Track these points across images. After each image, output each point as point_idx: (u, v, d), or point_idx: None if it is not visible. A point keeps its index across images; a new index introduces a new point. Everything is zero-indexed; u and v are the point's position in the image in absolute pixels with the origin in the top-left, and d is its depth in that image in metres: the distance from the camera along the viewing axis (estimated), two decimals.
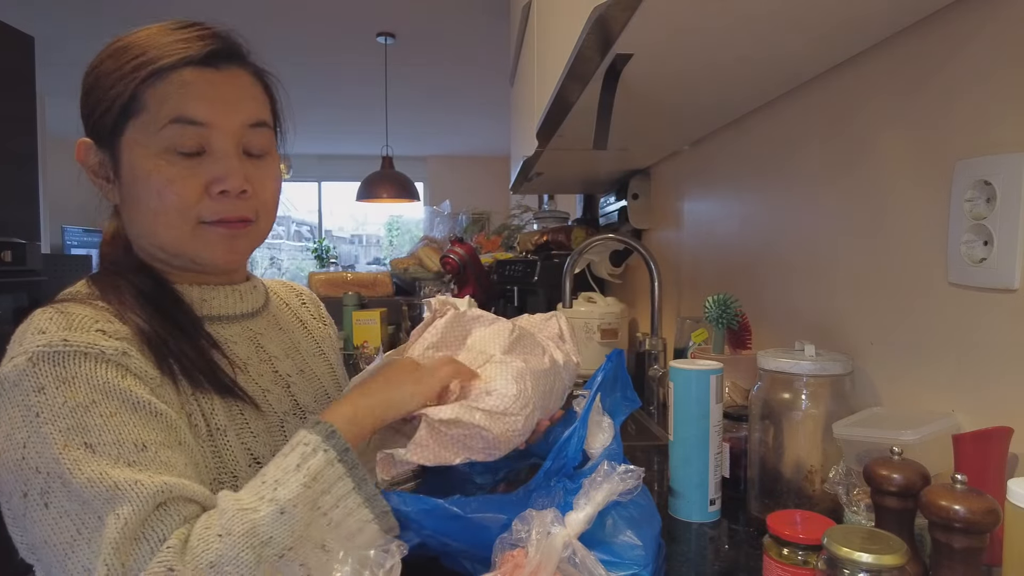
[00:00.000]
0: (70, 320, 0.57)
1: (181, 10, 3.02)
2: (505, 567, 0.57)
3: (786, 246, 1.08)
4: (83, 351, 0.54)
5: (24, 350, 0.54)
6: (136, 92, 0.61)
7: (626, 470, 0.61)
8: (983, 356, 0.66)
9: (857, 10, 0.71)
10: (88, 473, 0.50)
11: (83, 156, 0.65)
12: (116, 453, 0.51)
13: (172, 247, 0.65)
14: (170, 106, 0.61)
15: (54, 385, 0.52)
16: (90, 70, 0.64)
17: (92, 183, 0.65)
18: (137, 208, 0.64)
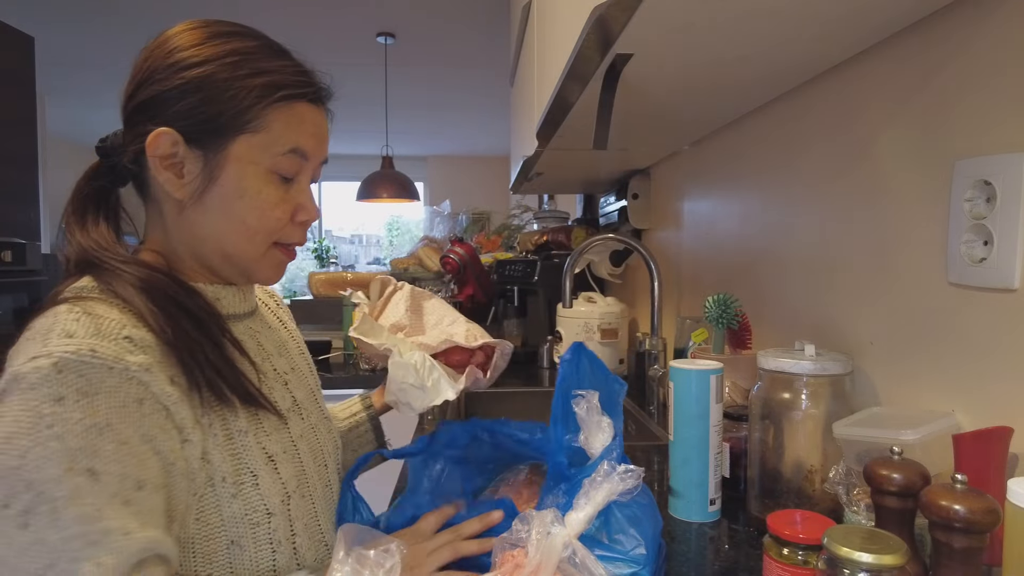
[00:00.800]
0: (98, 325, 0.55)
1: (181, 10, 3.02)
2: (505, 567, 0.57)
3: (786, 246, 1.08)
4: (109, 365, 0.52)
5: (49, 352, 0.51)
6: (259, 112, 0.62)
7: (626, 470, 0.61)
8: (983, 356, 0.66)
9: (857, 10, 0.71)
10: (83, 508, 0.48)
11: (158, 144, 0.61)
12: (117, 487, 0.50)
13: (238, 258, 0.66)
14: (290, 137, 0.64)
15: (74, 398, 0.50)
16: (188, 64, 0.62)
17: (153, 170, 0.62)
18: (223, 215, 0.64)
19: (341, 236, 8.06)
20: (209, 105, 0.61)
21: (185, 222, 0.64)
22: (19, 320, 2.35)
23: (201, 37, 0.63)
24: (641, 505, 0.64)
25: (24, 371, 0.51)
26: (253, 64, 0.63)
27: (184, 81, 0.61)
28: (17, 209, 2.28)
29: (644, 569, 0.60)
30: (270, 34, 0.70)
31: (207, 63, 0.62)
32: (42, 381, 0.50)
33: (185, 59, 0.62)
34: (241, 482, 0.61)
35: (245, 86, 0.62)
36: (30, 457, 0.48)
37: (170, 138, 0.61)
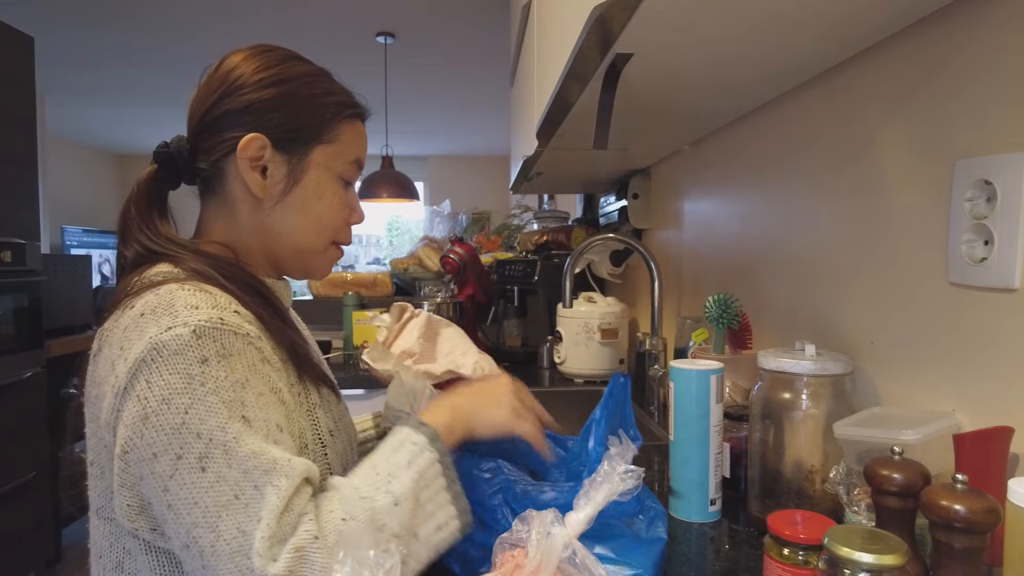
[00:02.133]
0: (215, 299, 0.62)
1: (181, 11, 3.02)
2: (505, 567, 0.57)
3: (786, 246, 1.08)
4: (234, 331, 0.60)
5: (184, 322, 0.58)
6: (334, 125, 0.73)
7: (626, 470, 0.61)
8: (983, 356, 0.66)
9: (857, 9, 0.71)
10: (251, 446, 0.56)
11: (249, 147, 0.69)
12: (266, 431, 0.58)
13: (307, 252, 0.76)
14: (354, 149, 0.76)
15: (216, 359, 0.58)
16: (277, 80, 0.71)
17: (241, 170, 0.70)
18: (302, 213, 0.73)
19: None
20: (296, 116, 0.71)
21: (261, 218, 0.72)
22: (19, 320, 2.36)
23: (278, 58, 0.73)
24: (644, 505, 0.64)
25: (164, 339, 0.57)
26: (324, 85, 0.74)
27: (273, 95, 0.70)
28: (17, 209, 2.28)
29: (646, 571, 0.60)
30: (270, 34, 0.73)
31: (292, 80, 0.72)
32: (185, 347, 0.57)
33: (272, 75, 0.71)
34: (315, 451, 0.69)
35: (324, 103, 0.73)
36: (193, 412, 0.55)
37: (260, 142, 0.69)
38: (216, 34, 3.30)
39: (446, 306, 2.16)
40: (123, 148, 5.97)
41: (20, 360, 2.25)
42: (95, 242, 5.13)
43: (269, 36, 3.34)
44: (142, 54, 3.59)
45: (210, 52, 3.01)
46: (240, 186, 0.71)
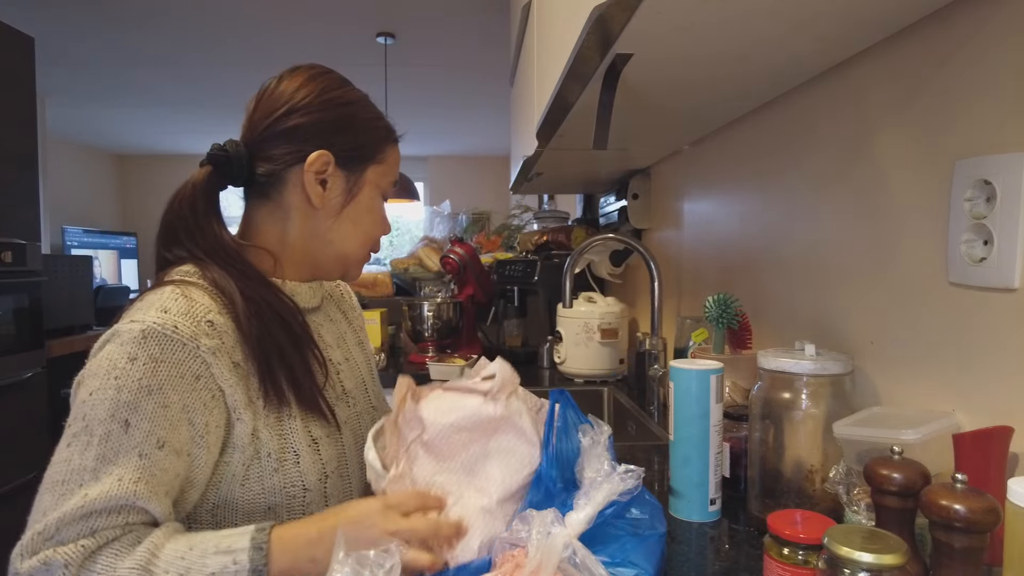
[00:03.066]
0: (190, 306, 0.67)
1: (181, 12, 3.02)
2: (505, 567, 0.57)
3: (786, 246, 1.08)
4: (183, 342, 0.64)
5: (143, 319, 0.64)
6: (384, 147, 0.81)
7: (626, 470, 0.61)
8: (983, 355, 0.66)
9: (857, 9, 0.71)
10: (105, 450, 0.60)
11: (316, 162, 0.75)
12: (139, 441, 0.61)
13: (349, 259, 0.82)
14: (395, 171, 0.83)
15: (143, 361, 0.62)
16: (342, 102, 0.77)
17: (304, 181, 0.75)
18: (354, 225, 0.80)
19: None
20: (357, 137, 0.78)
21: (315, 226, 0.78)
22: (19, 320, 2.35)
23: (338, 82, 0.79)
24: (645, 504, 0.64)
25: (122, 329, 0.64)
26: (374, 110, 0.82)
27: (339, 116, 0.77)
28: (17, 209, 2.28)
29: (645, 572, 0.60)
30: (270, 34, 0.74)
31: (353, 104, 0.79)
32: (129, 341, 0.63)
33: (336, 98, 0.77)
34: (284, 459, 0.71)
35: (378, 126, 0.81)
36: (94, 396, 0.61)
37: (326, 158, 0.75)
38: (216, 35, 3.30)
39: (446, 306, 2.16)
40: (123, 148, 5.97)
41: (20, 360, 2.25)
42: (95, 242, 5.13)
43: (269, 36, 3.34)
44: (142, 55, 3.59)
45: (210, 52, 3.04)
46: (299, 195, 0.76)
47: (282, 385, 0.71)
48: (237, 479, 0.69)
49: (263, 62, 3.75)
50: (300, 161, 0.75)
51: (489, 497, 0.65)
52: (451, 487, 0.66)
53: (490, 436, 0.68)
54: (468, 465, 0.67)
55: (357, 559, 0.55)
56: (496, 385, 0.70)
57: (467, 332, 2.23)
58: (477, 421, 0.68)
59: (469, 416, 0.68)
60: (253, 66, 3.84)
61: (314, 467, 0.73)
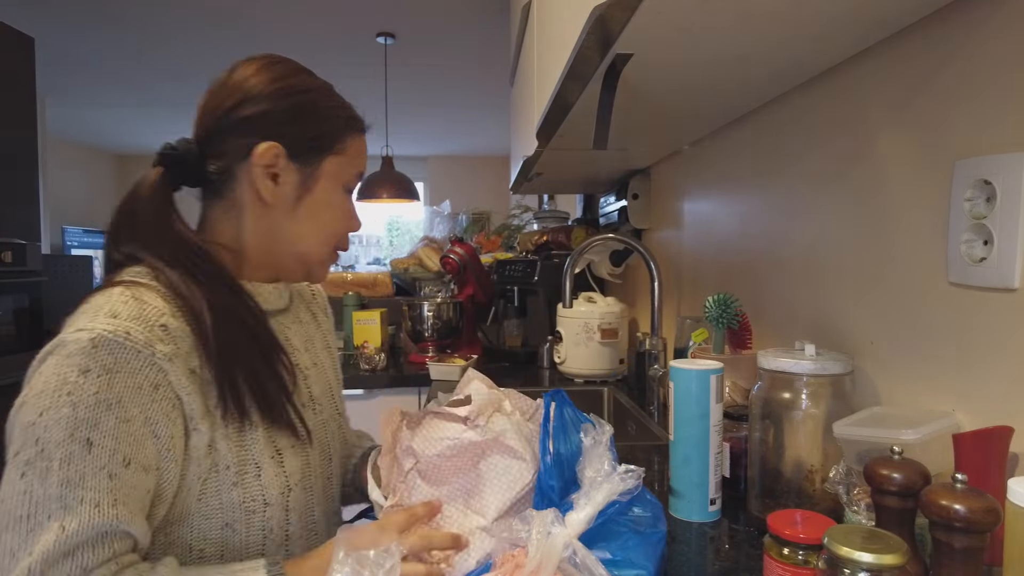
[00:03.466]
0: (141, 310, 0.62)
1: (181, 12, 3.02)
2: (505, 567, 0.57)
3: (786, 246, 1.08)
4: (138, 349, 0.59)
5: (92, 327, 0.58)
6: (344, 138, 0.75)
7: (626, 470, 0.61)
8: (983, 355, 0.66)
9: (857, 10, 0.71)
10: (71, 473, 0.55)
11: (264, 155, 0.70)
12: (106, 460, 0.56)
13: (310, 257, 0.77)
14: (359, 162, 0.78)
15: (98, 372, 0.57)
16: (297, 90, 0.73)
17: (252, 176, 0.71)
18: (312, 220, 0.75)
19: None
20: (312, 127, 0.73)
21: (267, 223, 0.73)
22: (19, 320, 2.35)
23: (292, 70, 0.75)
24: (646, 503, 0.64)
25: (68, 339, 0.58)
26: (334, 98, 0.77)
27: (290, 106, 0.72)
28: (17, 209, 2.28)
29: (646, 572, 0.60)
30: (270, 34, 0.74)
31: (307, 92, 0.74)
32: (78, 352, 0.57)
33: (288, 86, 0.73)
34: (244, 472, 0.66)
35: (336, 115, 0.75)
36: (45, 417, 0.55)
37: (276, 151, 0.71)
38: (216, 35, 3.30)
39: (446, 306, 2.16)
40: (123, 148, 5.97)
41: (20, 360, 2.24)
42: (96, 242, 5.14)
43: (269, 36, 3.34)
44: (142, 55, 3.59)
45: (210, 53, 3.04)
46: (250, 191, 0.72)
47: (243, 395, 0.66)
48: (193, 493, 0.64)
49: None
50: (249, 155, 0.70)
51: (485, 517, 0.66)
52: (449, 511, 0.68)
53: (478, 459, 0.69)
54: (463, 489, 0.69)
55: (357, 559, 0.55)
56: (474, 410, 0.71)
57: (467, 332, 2.23)
58: (462, 448, 0.69)
59: (453, 445, 0.69)
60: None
61: (276, 480, 0.69)
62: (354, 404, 1.92)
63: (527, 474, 0.68)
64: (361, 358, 2.01)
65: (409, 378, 1.94)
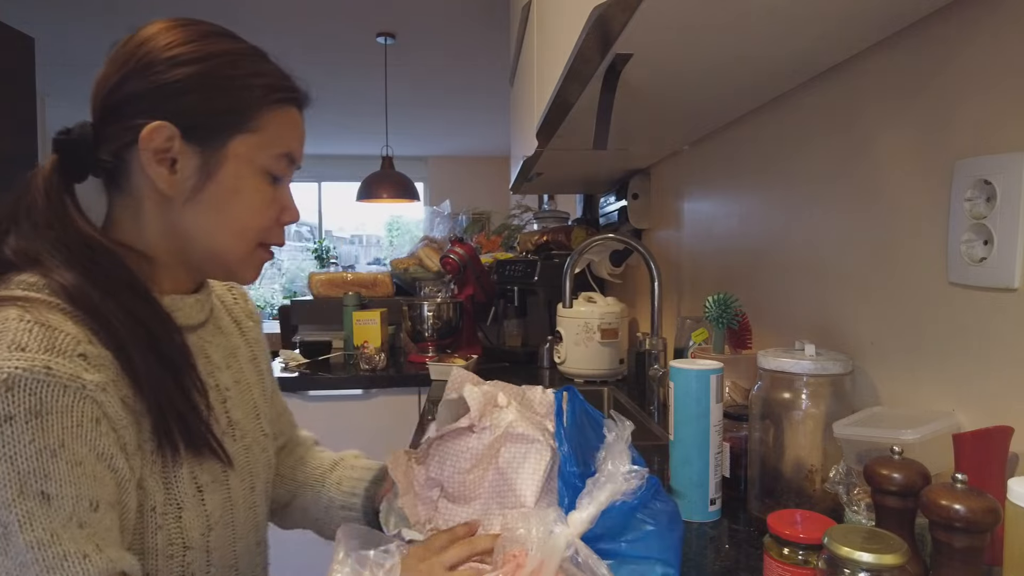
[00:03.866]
0: (52, 339, 0.52)
1: (182, 12, 3.02)
2: (507, 567, 0.57)
3: (786, 246, 1.08)
4: (64, 384, 0.50)
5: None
6: (257, 113, 0.63)
7: (630, 470, 0.61)
8: (983, 355, 0.66)
9: (857, 9, 0.71)
10: (38, 533, 0.48)
11: (153, 138, 0.60)
12: (71, 509, 0.50)
13: (226, 256, 0.66)
14: (284, 140, 0.65)
15: (24, 418, 0.48)
16: (188, 60, 0.61)
17: (144, 164, 0.60)
18: (217, 212, 0.63)
19: (341, 236, 8.06)
20: (210, 102, 0.61)
21: (170, 218, 0.63)
22: None
23: (195, 34, 0.62)
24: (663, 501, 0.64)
25: None
26: (251, 65, 0.64)
27: (184, 76, 0.60)
28: None
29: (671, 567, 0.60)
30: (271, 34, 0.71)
31: (207, 60, 0.61)
32: None
33: (184, 54, 0.60)
34: (166, 513, 0.60)
35: (246, 85, 0.62)
36: None
37: (167, 132, 0.60)
38: None
39: (446, 306, 2.16)
40: None
41: None
42: None
43: (269, 36, 3.33)
44: None
45: None
46: (146, 180, 0.61)
47: (172, 426, 0.59)
48: (130, 530, 0.57)
49: None
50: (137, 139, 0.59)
51: (526, 505, 0.66)
52: (489, 522, 0.68)
53: (495, 458, 0.69)
54: (495, 493, 0.69)
55: (357, 559, 0.55)
56: (475, 414, 0.71)
57: (467, 332, 2.23)
58: (477, 454, 0.69)
59: (468, 456, 0.70)
60: None
61: (197, 520, 0.62)
62: (354, 404, 1.93)
63: (546, 452, 0.68)
64: (361, 358, 2.01)
65: (409, 378, 1.94)
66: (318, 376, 1.92)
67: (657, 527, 0.61)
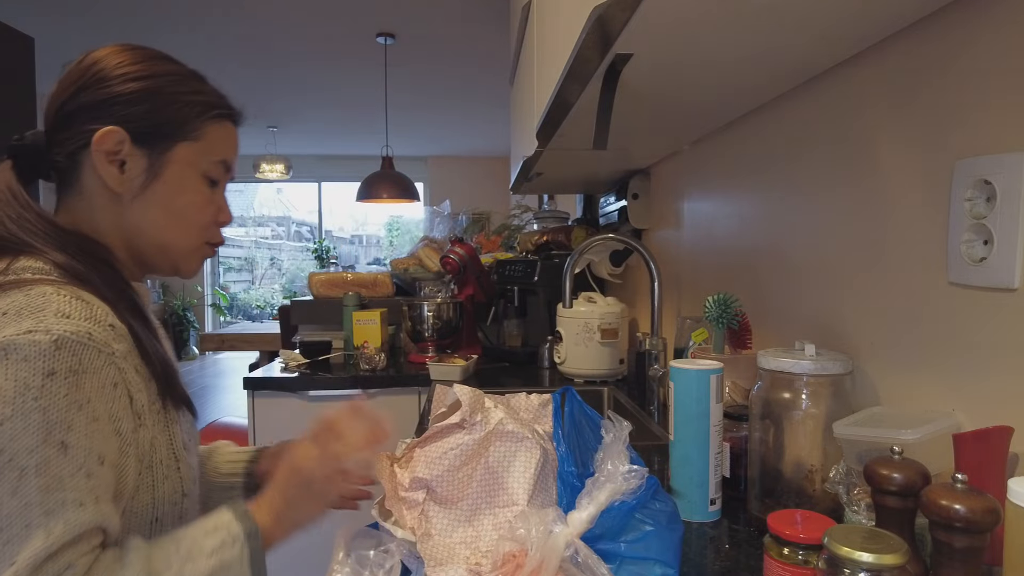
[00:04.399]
0: (90, 311, 0.60)
1: (181, 12, 3.02)
2: (506, 566, 0.57)
3: (786, 246, 1.09)
4: (99, 349, 0.59)
5: (47, 328, 0.56)
6: (199, 124, 0.73)
7: (629, 470, 0.61)
8: (983, 355, 0.66)
9: (857, 9, 0.71)
10: (48, 478, 0.54)
11: (105, 140, 0.68)
12: (83, 460, 0.56)
13: (173, 250, 0.75)
14: (221, 149, 0.76)
15: (64, 375, 0.56)
16: (138, 76, 0.70)
17: (96, 163, 0.68)
18: (164, 209, 0.72)
19: (341, 236, 8.07)
20: (157, 112, 0.70)
21: (120, 214, 0.71)
22: None
23: (142, 56, 0.72)
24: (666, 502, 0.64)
25: (19, 343, 0.55)
26: (191, 84, 0.74)
27: (135, 89, 0.69)
28: None
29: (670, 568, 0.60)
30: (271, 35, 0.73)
31: (155, 77, 0.71)
32: (38, 355, 0.55)
33: (134, 71, 0.70)
34: (170, 465, 0.69)
35: (189, 101, 0.73)
36: (8, 425, 0.53)
37: (117, 136, 0.68)
38: (216, 35, 3.30)
39: (446, 306, 2.16)
40: None
41: None
42: None
43: (270, 37, 3.33)
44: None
45: (210, 53, 3.03)
46: (97, 180, 0.69)
47: (169, 389, 0.69)
48: (129, 490, 0.64)
49: (263, 62, 3.74)
50: (90, 143, 0.68)
51: (518, 504, 0.67)
52: (479, 520, 0.68)
53: (485, 456, 0.70)
54: (485, 492, 0.69)
55: (357, 559, 0.55)
56: (465, 411, 0.72)
57: (467, 332, 2.23)
58: (466, 451, 0.70)
59: (458, 453, 0.70)
60: (253, 66, 3.84)
61: (189, 471, 0.71)
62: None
63: (535, 450, 0.69)
64: (361, 358, 2.01)
65: (409, 378, 1.94)
66: (318, 376, 1.93)
67: (656, 527, 0.61)
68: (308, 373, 1.96)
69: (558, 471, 0.67)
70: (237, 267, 8.28)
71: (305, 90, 4.43)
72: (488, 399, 0.75)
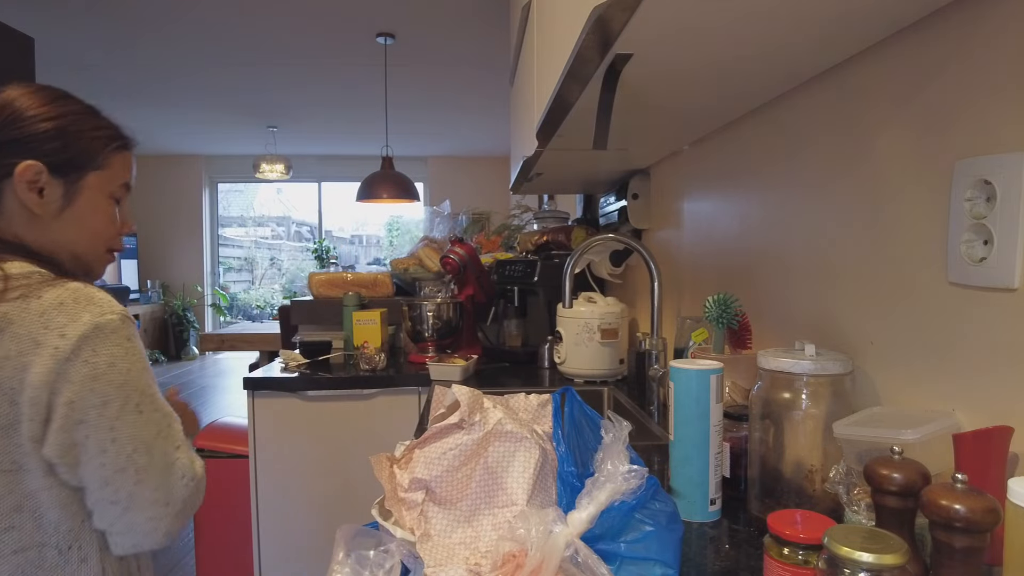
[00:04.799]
0: (114, 299, 0.80)
1: (181, 13, 3.02)
2: (506, 567, 0.57)
3: (786, 246, 1.09)
4: (132, 320, 0.81)
5: (112, 309, 0.77)
6: (105, 155, 0.88)
7: (629, 470, 0.61)
8: (983, 355, 0.66)
9: (857, 9, 0.71)
10: (160, 400, 0.81)
11: (24, 173, 0.80)
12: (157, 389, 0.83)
13: (86, 257, 0.89)
14: (122, 174, 0.91)
15: (134, 339, 0.79)
16: (48, 117, 0.83)
17: (19, 192, 0.81)
18: (79, 226, 0.87)
19: (341, 237, 8.07)
20: (69, 148, 0.84)
21: (39, 230, 0.85)
22: None
23: (49, 97, 0.85)
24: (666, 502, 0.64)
25: (103, 322, 0.76)
26: (93, 121, 0.88)
27: (47, 128, 0.82)
28: None
29: (670, 568, 0.60)
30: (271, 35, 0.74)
31: (62, 117, 0.84)
32: (119, 327, 0.77)
33: (44, 112, 0.83)
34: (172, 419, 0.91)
35: (95, 136, 0.87)
36: (132, 373, 0.78)
37: (36, 168, 0.81)
38: (217, 35, 3.30)
39: (446, 306, 2.16)
40: None
41: None
42: None
43: (270, 37, 3.33)
44: (141, 55, 3.58)
45: (211, 53, 3.03)
46: (17, 204, 0.82)
47: None
48: None
49: (263, 62, 3.75)
50: (11, 174, 0.80)
51: (517, 504, 0.67)
52: (478, 521, 0.68)
53: (484, 456, 0.70)
54: (484, 492, 0.69)
55: (357, 559, 0.55)
56: (464, 411, 0.71)
57: (467, 332, 2.23)
58: (465, 452, 0.69)
59: (457, 453, 0.69)
60: (253, 66, 3.84)
61: None
62: (354, 404, 1.93)
63: (534, 450, 0.68)
64: (361, 358, 2.01)
65: (409, 378, 1.94)
66: (318, 376, 1.92)
67: (656, 527, 0.61)
68: (308, 373, 1.96)
69: (558, 471, 0.66)
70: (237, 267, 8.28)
71: (305, 90, 4.43)
72: (487, 399, 0.75)
